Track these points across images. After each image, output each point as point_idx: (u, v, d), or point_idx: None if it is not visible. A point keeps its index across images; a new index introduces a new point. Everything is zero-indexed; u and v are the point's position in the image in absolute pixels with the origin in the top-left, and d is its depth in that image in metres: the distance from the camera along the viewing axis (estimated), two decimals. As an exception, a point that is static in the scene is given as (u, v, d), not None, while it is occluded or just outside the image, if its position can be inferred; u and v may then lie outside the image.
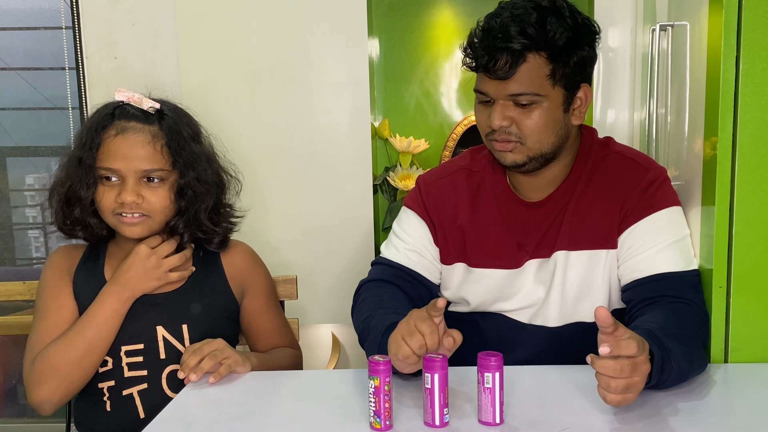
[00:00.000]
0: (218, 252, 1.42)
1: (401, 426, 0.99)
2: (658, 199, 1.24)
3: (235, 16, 2.13)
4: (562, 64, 1.18)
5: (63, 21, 2.46)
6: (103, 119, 1.31)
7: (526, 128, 1.21)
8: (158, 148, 1.29)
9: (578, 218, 1.27)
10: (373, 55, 2.25)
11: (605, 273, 1.26)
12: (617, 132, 2.08)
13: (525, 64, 1.17)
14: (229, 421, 1.04)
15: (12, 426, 2.70)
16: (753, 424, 0.97)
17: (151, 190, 1.30)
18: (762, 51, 1.12)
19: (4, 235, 2.69)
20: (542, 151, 1.23)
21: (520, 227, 1.30)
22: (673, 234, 1.23)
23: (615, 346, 0.92)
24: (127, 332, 1.31)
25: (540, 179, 1.29)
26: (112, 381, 1.32)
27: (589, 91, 1.25)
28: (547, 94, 1.19)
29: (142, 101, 1.33)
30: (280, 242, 2.16)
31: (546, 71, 1.18)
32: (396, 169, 2.19)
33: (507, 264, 1.30)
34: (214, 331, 1.35)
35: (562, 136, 1.24)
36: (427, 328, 1.03)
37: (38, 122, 2.79)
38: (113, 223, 1.32)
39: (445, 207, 1.35)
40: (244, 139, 2.13)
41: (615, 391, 0.93)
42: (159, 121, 1.32)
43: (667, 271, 1.20)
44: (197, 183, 1.34)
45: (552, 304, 1.28)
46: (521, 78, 1.18)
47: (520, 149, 1.23)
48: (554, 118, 1.21)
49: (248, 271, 1.44)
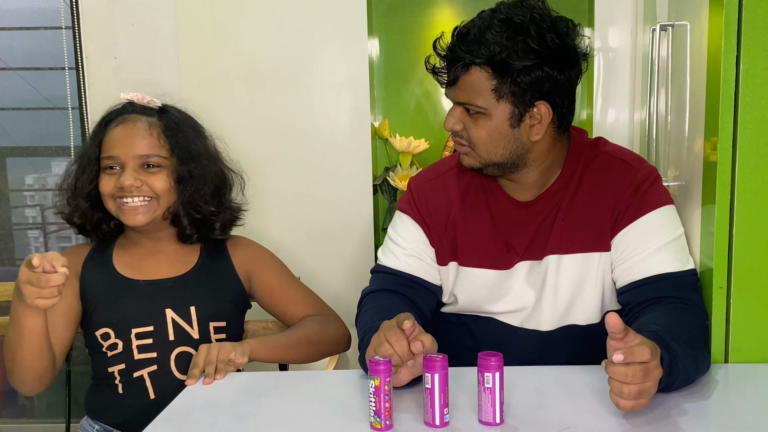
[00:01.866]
0: (225, 244, 1.46)
1: (401, 426, 0.99)
2: (650, 200, 1.23)
3: (235, 16, 2.13)
4: (509, 80, 1.17)
5: (63, 21, 2.45)
6: (109, 115, 1.40)
7: (472, 136, 1.23)
8: (155, 135, 1.36)
9: (570, 221, 1.26)
10: (373, 55, 2.25)
11: (598, 276, 1.25)
12: (617, 132, 2.08)
13: (467, 75, 1.19)
14: (229, 421, 1.04)
15: (12, 426, 2.70)
16: (753, 424, 0.97)
17: (149, 175, 1.35)
18: (762, 51, 1.12)
19: (4, 235, 2.69)
20: (493, 161, 1.24)
21: (509, 226, 1.29)
22: (667, 234, 1.22)
23: (628, 352, 0.91)
24: (137, 315, 1.36)
25: (519, 183, 1.29)
26: (122, 364, 1.36)
27: (547, 110, 1.20)
28: (490, 107, 1.19)
29: (145, 98, 1.40)
30: (280, 242, 2.16)
31: (490, 85, 1.18)
32: (396, 169, 2.18)
33: (496, 264, 1.29)
34: (221, 314, 1.41)
35: (514, 150, 1.23)
36: (393, 336, 1.05)
37: (38, 122, 2.78)
38: (115, 211, 1.36)
39: (437, 207, 1.35)
40: (244, 139, 2.12)
41: (628, 396, 0.93)
42: (159, 114, 1.39)
43: (664, 272, 1.20)
44: (197, 171, 1.38)
45: (545, 308, 1.27)
46: (465, 88, 1.20)
47: (472, 155, 1.25)
48: (499, 132, 1.21)
49: (253, 257, 1.48)
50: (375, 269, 1.39)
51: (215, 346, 1.26)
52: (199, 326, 1.38)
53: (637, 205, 1.23)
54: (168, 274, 1.40)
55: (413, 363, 1.07)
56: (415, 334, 1.05)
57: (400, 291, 1.32)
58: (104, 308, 1.37)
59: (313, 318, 1.45)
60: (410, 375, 1.08)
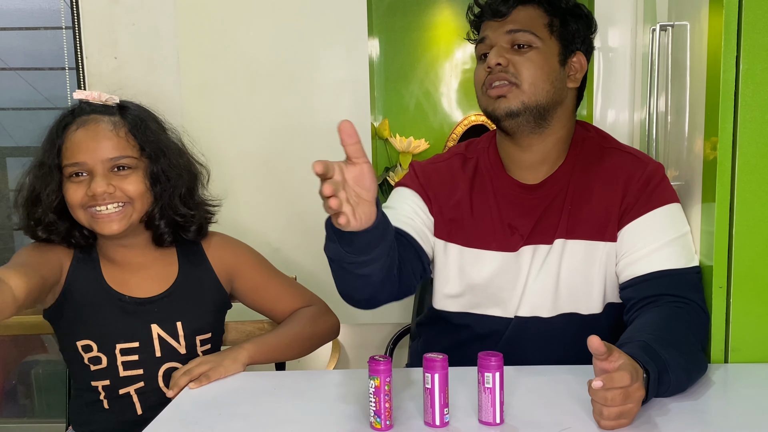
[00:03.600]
0: (200, 245, 1.40)
1: (401, 426, 0.99)
2: (658, 196, 1.24)
3: (235, 16, 2.13)
4: (559, 20, 1.26)
5: (63, 21, 2.45)
6: (64, 119, 1.30)
7: (522, 68, 1.24)
8: (122, 135, 1.27)
9: (577, 208, 1.27)
10: (373, 55, 2.25)
11: (602, 265, 1.26)
12: (617, 132, 2.08)
13: (523, 7, 1.26)
14: (229, 421, 1.04)
15: (12, 426, 2.70)
16: (753, 424, 0.97)
17: (121, 179, 1.26)
18: (762, 51, 1.12)
19: (4, 235, 2.69)
20: (537, 100, 1.24)
21: (514, 209, 1.30)
22: (673, 231, 1.23)
23: (608, 379, 0.91)
24: (121, 331, 1.30)
25: (533, 153, 1.30)
26: (107, 380, 1.31)
27: (584, 62, 1.30)
28: (544, 38, 1.25)
29: (101, 96, 1.31)
30: (279, 242, 2.16)
31: (544, 20, 1.26)
32: (396, 169, 2.18)
33: (501, 246, 1.29)
34: (206, 327, 1.37)
35: (558, 90, 1.26)
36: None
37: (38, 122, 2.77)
38: (87, 221, 1.27)
39: (442, 187, 1.35)
40: (244, 139, 2.13)
41: (608, 418, 0.93)
42: (121, 112, 1.30)
43: (666, 269, 1.20)
44: (170, 169, 1.31)
45: (546, 293, 1.27)
46: (520, 17, 1.26)
47: (515, 93, 1.24)
48: (550, 65, 1.25)
49: (232, 257, 1.42)
50: None
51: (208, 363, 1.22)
52: (186, 341, 1.34)
53: (646, 200, 1.24)
54: (152, 291, 1.34)
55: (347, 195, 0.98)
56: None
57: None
58: (87, 319, 1.30)
59: (303, 312, 1.41)
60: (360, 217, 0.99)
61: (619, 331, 1.20)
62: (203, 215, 1.39)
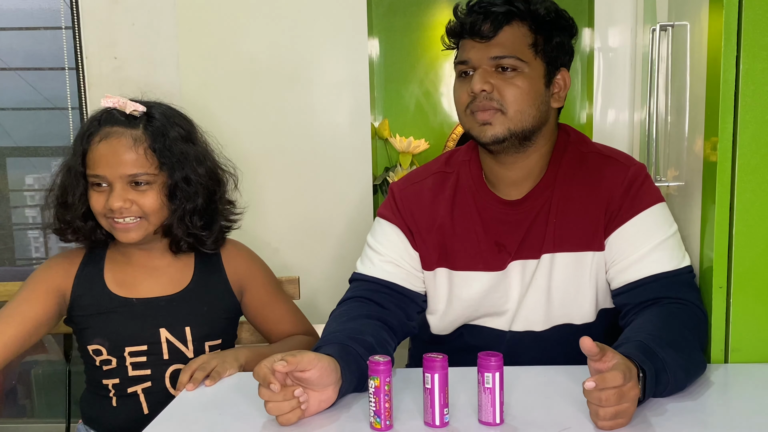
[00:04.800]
0: (219, 253, 1.42)
1: (401, 426, 0.99)
2: (642, 199, 1.23)
3: (235, 16, 2.13)
4: (543, 38, 1.21)
5: (63, 21, 2.46)
6: (91, 126, 1.31)
7: (508, 94, 1.20)
8: (141, 152, 1.28)
9: (562, 219, 1.25)
10: (373, 55, 2.25)
11: (592, 275, 1.25)
12: (617, 132, 2.08)
13: (509, 27, 1.20)
14: (229, 421, 1.04)
15: (12, 426, 2.70)
16: (753, 424, 0.97)
17: (139, 194, 1.29)
18: (762, 51, 1.12)
19: (4, 235, 2.69)
20: (523, 125, 1.21)
21: (499, 226, 1.28)
22: (661, 232, 1.22)
23: (600, 380, 0.91)
24: (130, 334, 1.33)
25: (517, 170, 1.27)
26: (116, 379, 1.34)
27: (568, 78, 1.26)
28: (529, 61, 1.20)
29: (126, 105, 1.31)
30: (279, 242, 2.16)
31: (528, 40, 1.20)
32: (396, 169, 2.19)
33: (489, 266, 1.27)
34: (216, 333, 1.38)
35: (543, 114, 1.23)
36: (264, 394, 0.99)
37: (38, 122, 2.78)
38: (108, 228, 1.32)
39: (422, 210, 1.32)
40: (244, 139, 2.13)
41: (604, 418, 0.93)
42: (144, 124, 1.31)
43: (659, 272, 1.19)
44: (188, 181, 1.32)
45: (538, 308, 1.26)
46: (504, 41, 1.19)
47: (501, 120, 1.20)
48: (536, 89, 1.21)
49: (246, 269, 1.44)
50: (352, 278, 1.35)
51: (215, 359, 1.24)
52: (194, 346, 1.35)
53: (630, 204, 1.23)
54: (162, 292, 1.36)
55: (305, 397, 1.01)
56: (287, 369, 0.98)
57: (374, 299, 1.28)
58: (96, 326, 1.34)
59: (299, 338, 1.43)
60: (317, 406, 1.03)
61: (614, 334, 1.19)
62: (221, 227, 1.40)
